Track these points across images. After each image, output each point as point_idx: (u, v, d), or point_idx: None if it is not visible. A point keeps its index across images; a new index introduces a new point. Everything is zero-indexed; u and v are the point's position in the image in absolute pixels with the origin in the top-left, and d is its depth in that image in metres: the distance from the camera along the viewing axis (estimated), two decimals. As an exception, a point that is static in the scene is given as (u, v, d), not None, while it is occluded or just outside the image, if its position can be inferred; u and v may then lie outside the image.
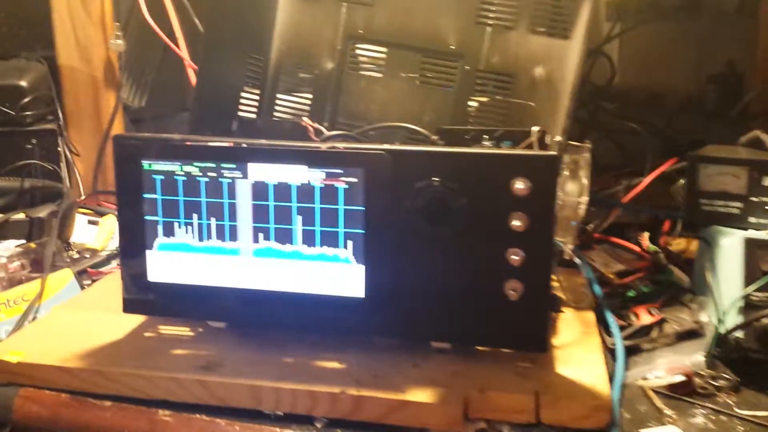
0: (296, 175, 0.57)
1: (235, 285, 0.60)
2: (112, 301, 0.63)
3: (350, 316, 0.58)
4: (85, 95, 1.12)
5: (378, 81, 0.71)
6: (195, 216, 0.59)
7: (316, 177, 0.57)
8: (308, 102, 0.73)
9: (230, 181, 0.58)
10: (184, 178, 0.59)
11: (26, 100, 0.99)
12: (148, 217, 0.60)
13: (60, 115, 1.06)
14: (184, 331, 0.64)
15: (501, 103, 0.68)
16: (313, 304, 0.59)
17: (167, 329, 0.64)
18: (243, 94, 0.75)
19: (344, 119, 0.71)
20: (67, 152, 1.07)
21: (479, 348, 0.59)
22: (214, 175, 0.58)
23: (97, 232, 0.93)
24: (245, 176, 0.58)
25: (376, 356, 0.59)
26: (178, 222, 0.59)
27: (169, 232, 0.60)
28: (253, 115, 0.74)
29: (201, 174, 0.58)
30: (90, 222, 0.96)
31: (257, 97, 0.74)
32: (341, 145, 0.57)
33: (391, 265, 0.56)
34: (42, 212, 0.87)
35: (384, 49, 0.71)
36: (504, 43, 0.68)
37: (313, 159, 0.56)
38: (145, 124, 1.20)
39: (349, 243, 0.57)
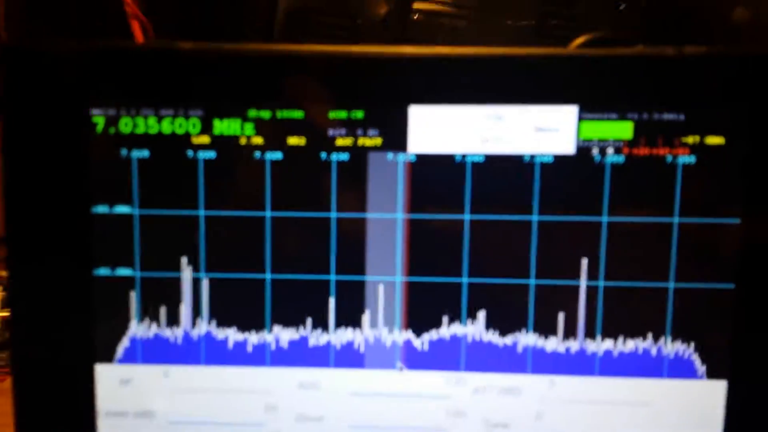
0: (549, 138, 0.20)
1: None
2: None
3: None
4: None
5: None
6: (248, 256, 0.21)
7: (609, 134, 0.20)
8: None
9: (347, 158, 0.21)
10: (211, 156, 0.21)
11: None
12: (101, 272, 0.21)
13: None
14: None
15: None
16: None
17: None
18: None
19: None
20: None
21: None
22: (300, 142, 0.21)
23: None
24: (395, 145, 0.21)
25: None
26: (197, 280, 0.21)
27: (155, 310, 0.21)
28: None
29: (268, 142, 0.21)
30: None
31: None
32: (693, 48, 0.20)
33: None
34: None
35: None
36: None
37: (605, 87, 0.20)
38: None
39: (685, 318, 0.21)
